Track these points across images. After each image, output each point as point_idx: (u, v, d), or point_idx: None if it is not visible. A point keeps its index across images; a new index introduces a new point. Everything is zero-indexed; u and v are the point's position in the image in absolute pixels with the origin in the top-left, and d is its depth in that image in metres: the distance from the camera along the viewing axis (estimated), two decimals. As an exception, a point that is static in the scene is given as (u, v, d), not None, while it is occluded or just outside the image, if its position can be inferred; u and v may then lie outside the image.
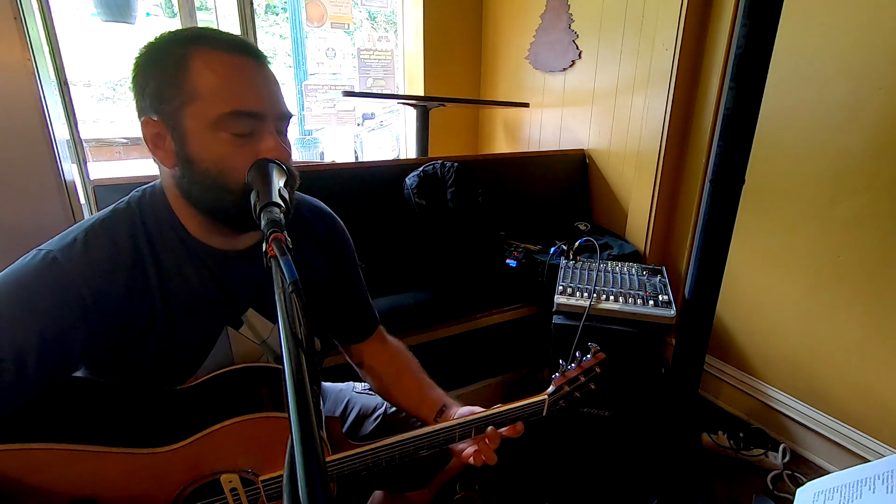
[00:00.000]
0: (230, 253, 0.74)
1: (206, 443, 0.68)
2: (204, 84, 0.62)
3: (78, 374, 0.70)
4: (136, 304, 0.67)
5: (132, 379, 0.71)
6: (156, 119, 0.64)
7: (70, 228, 0.68)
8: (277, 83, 0.68)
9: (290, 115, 0.69)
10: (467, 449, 0.84)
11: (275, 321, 0.80)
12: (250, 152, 0.65)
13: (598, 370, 0.89)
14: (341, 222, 0.96)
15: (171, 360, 0.71)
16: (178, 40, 0.64)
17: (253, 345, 0.78)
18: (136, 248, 0.68)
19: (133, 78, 0.66)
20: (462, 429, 0.81)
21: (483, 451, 0.81)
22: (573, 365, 0.88)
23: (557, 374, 0.88)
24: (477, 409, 0.84)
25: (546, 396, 0.85)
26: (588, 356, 0.89)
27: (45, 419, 0.64)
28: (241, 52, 0.64)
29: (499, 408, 0.83)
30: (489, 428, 0.82)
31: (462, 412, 0.86)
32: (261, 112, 0.65)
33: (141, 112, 0.66)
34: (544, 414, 0.86)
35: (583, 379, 0.87)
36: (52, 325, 0.60)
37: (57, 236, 0.66)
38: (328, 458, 0.72)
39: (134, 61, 0.66)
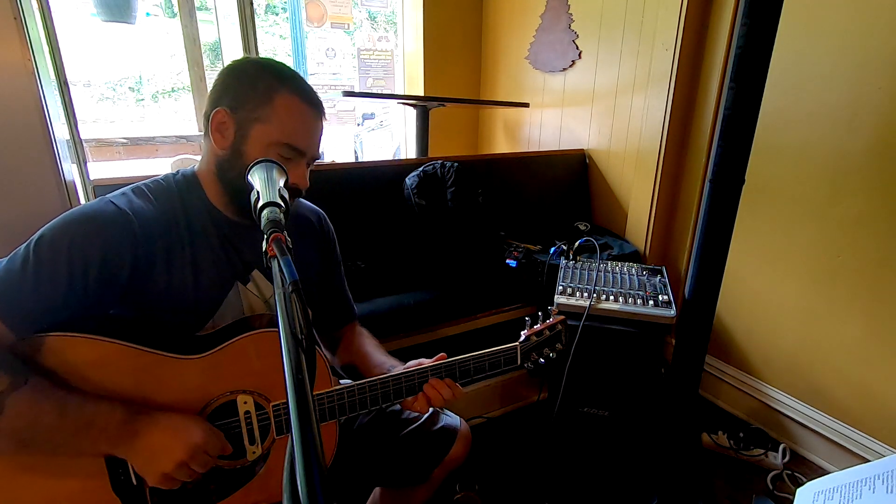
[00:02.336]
0: (242, 223, 0.89)
1: (229, 354, 0.79)
2: (278, 116, 0.81)
3: (115, 313, 0.80)
4: (169, 247, 0.81)
5: (159, 316, 0.81)
6: (228, 113, 0.81)
7: (119, 189, 0.84)
8: (323, 132, 0.89)
9: (320, 158, 0.90)
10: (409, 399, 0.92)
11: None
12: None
13: (560, 327, 1.02)
14: (330, 223, 1.09)
15: (192, 300, 0.83)
16: (274, 75, 0.82)
17: (257, 301, 0.91)
18: (171, 207, 0.83)
19: (221, 78, 0.84)
20: (447, 369, 0.91)
21: (432, 397, 0.90)
22: (538, 323, 1.01)
23: (525, 329, 1.00)
24: (426, 361, 0.93)
25: (517, 344, 0.97)
26: (550, 318, 1.02)
27: (99, 331, 0.75)
28: (312, 105, 0.85)
29: (475, 354, 0.94)
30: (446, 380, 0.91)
31: (410, 364, 0.94)
32: (303, 150, 0.84)
33: (216, 103, 0.82)
34: (519, 361, 0.97)
35: (548, 333, 1.00)
36: (111, 245, 0.74)
37: (110, 193, 0.82)
38: (317, 392, 0.84)
39: (229, 66, 0.84)
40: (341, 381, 1.07)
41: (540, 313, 1.02)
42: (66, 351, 0.71)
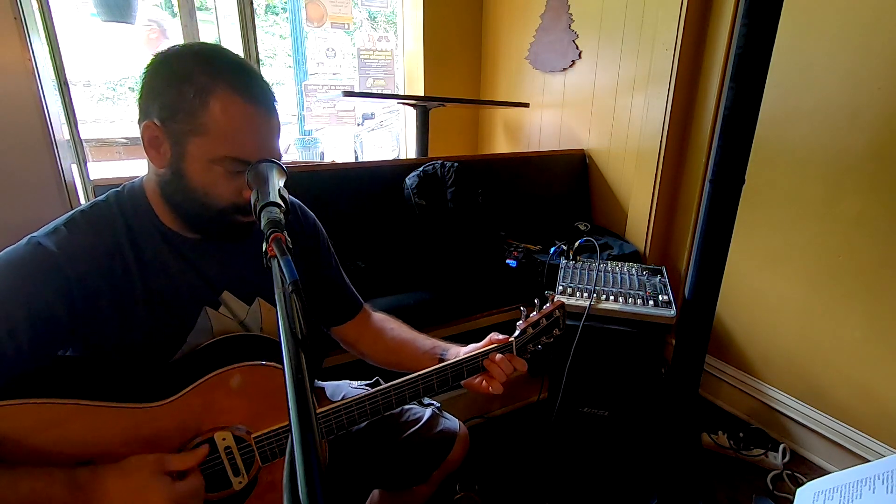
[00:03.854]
0: (203, 241, 0.79)
1: (200, 395, 0.72)
2: (216, 124, 0.67)
3: (69, 354, 0.73)
4: (116, 286, 0.71)
5: (118, 356, 0.74)
6: (158, 125, 0.68)
7: (53, 221, 0.72)
8: (279, 130, 0.74)
9: (280, 158, 0.74)
10: (477, 380, 0.91)
11: (249, 302, 0.85)
12: (236, 187, 0.72)
13: (557, 314, 0.96)
14: (312, 214, 1.00)
15: (154, 337, 0.75)
16: (205, 69, 0.67)
17: (231, 323, 0.83)
18: (114, 236, 0.72)
19: (146, 79, 0.69)
20: (439, 375, 0.87)
21: (495, 374, 0.89)
22: (535, 312, 0.95)
23: (521, 320, 0.94)
24: (473, 346, 0.92)
25: (513, 339, 0.92)
26: (547, 304, 0.97)
27: (45, 387, 0.67)
28: (258, 102, 0.69)
29: (469, 354, 0.90)
30: (497, 356, 0.89)
31: (463, 351, 0.93)
32: (254, 161, 0.70)
33: (145, 114, 0.69)
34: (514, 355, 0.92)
35: (545, 322, 0.94)
36: (38, 301, 0.65)
37: (42, 228, 0.71)
38: (322, 409, 0.78)
39: (151, 64, 0.69)
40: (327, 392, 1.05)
41: (536, 300, 0.97)
42: (5, 420, 0.61)
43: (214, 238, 0.79)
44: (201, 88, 0.66)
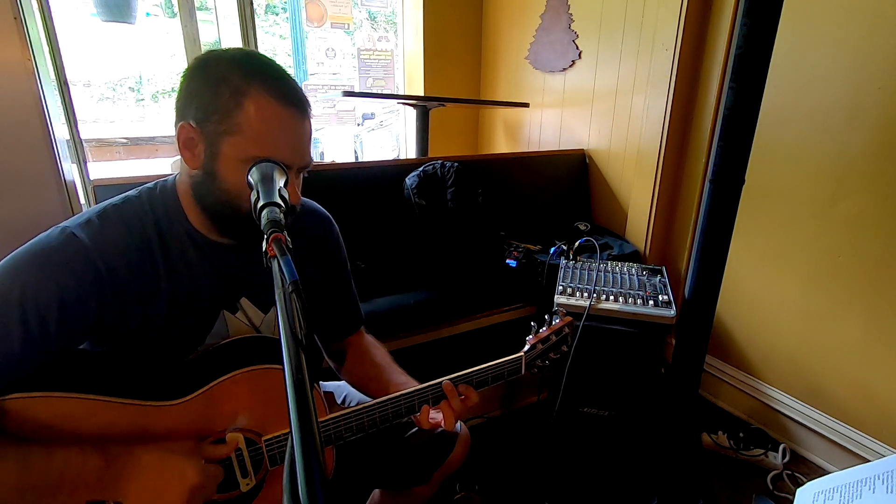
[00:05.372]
0: (228, 245, 0.80)
1: (214, 396, 0.74)
2: (250, 125, 0.68)
3: (87, 347, 0.74)
4: (143, 281, 0.73)
5: (137, 351, 0.75)
6: (194, 127, 0.70)
7: (85, 211, 0.75)
8: (311, 134, 0.76)
9: (311, 164, 0.76)
10: (430, 415, 0.87)
11: (265, 310, 0.86)
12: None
13: (567, 330, 0.98)
14: (337, 227, 1.01)
15: (172, 335, 0.77)
16: (241, 72, 0.69)
17: (247, 328, 0.85)
18: (144, 233, 0.74)
19: (184, 82, 0.71)
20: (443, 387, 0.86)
21: (444, 414, 0.85)
22: (545, 328, 0.97)
23: (531, 335, 0.96)
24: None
25: (522, 354, 0.93)
26: (557, 319, 0.98)
27: (65, 381, 0.69)
28: (291, 105, 0.71)
29: (478, 368, 0.89)
30: (446, 387, 0.85)
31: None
32: (289, 163, 0.71)
33: (181, 115, 0.71)
34: (523, 371, 0.93)
35: (554, 338, 0.96)
36: (70, 289, 0.66)
37: (73, 217, 0.73)
38: (322, 419, 0.79)
39: (190, 67, 0.71)
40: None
41: (546, 316, 0.98)
42: (27, 411, 0.64)
43: (244, 241, 0.79)
44: (236, 89, 0.68)
